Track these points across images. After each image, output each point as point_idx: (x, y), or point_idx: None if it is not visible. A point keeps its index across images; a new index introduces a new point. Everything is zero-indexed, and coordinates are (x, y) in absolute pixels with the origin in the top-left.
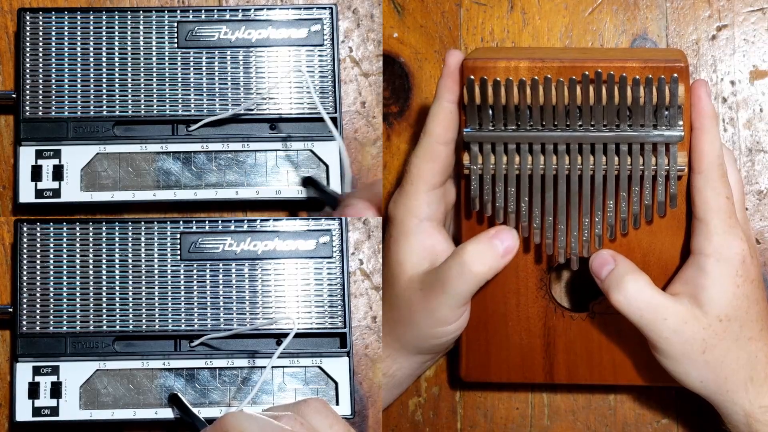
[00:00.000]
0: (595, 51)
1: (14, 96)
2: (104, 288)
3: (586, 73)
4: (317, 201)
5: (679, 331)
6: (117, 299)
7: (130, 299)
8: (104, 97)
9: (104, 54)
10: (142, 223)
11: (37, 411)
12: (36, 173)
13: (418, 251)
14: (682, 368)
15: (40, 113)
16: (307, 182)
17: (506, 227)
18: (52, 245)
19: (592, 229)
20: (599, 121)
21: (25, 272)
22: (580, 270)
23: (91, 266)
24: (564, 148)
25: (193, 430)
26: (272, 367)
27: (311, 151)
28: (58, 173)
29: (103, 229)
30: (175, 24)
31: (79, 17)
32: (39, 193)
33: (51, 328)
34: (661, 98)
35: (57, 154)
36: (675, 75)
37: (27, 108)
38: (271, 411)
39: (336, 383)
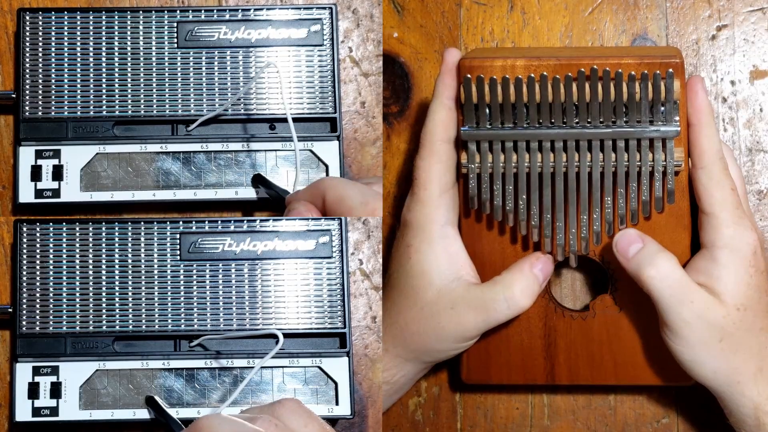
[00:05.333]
0: (590, 49)
1: (14, 96)
2: (104, 288)
3: (582, 70)
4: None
5: (702, 317)
6: (117, 299)
7: (130, 299)
8: (104, 97)
9: (104, 54)
10: (142, 223)
11: (36, 411)
12: (36, 173)
13: (444, 260)
14: (696, 356)
15: (40, 113)
16: (257, 180)
17: (543, 255)
18: (51, 245)
19: (591, 226)
20: (596, 118)
21: (24, 272)
22: (580, 268)
23: (90, 266)
24: (561, 145)
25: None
26: (271, 367)
27: (311, 151)
28: (57, 173)
29: (103, 229)
30: (175, 24)
31: (78, 17)
32: (39, 193)
33: (51, 328)
34: (656, 94)
35: (57, 154)
36: (670, 70)
37: (27, 108)
38: (247, 413)
39: (336, 383)
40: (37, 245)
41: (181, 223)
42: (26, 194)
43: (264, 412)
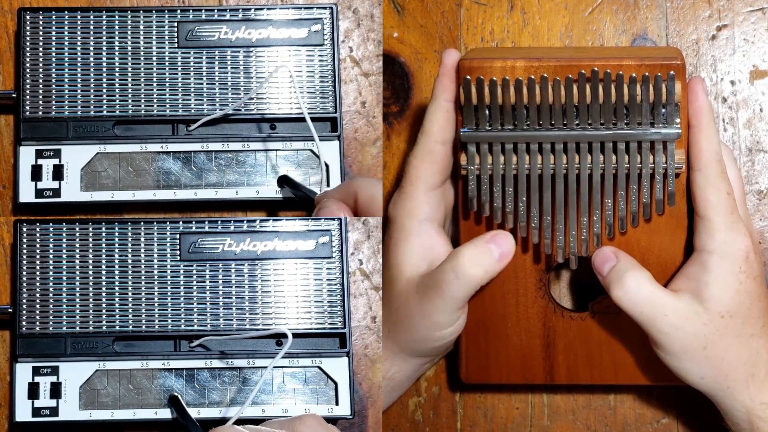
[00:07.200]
0: (591, 50)
1: (14, 96)
2: (104, 288)
3: (583, 71)
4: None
5: (679, 327)
6: (117, 299)
7: (130, 299)
8: (104, 96)
9: (104, 54)
10: (142, 223)
11: (36, 411)
12: (36, 173)
13: (417, 252)
14: (682, 364)
15: (40, 113)
16: (283, 181)
17: (503, 231)
18: (51, 245)
19: (591, 228)
20: (596, 120)
21: (24, 272)
22: (579, 269)
23: (90, 266)
24: (561, 147)
25: None
26: (272, 367)
27: (311, 151)
28: (58, 173)
29: (103, 229)
30: (175, 24)
31: (79, 17)
32: (39, 192)
33: (51, 328)
34: (657, 96)
35: (57, 153)
36: (671, 72)
37: (27, 108)
38: (265, 426)
39: (336, 383)
40: (37, 245)
41: (181, 223)
42: (26, 194)
43: (283, 428)
